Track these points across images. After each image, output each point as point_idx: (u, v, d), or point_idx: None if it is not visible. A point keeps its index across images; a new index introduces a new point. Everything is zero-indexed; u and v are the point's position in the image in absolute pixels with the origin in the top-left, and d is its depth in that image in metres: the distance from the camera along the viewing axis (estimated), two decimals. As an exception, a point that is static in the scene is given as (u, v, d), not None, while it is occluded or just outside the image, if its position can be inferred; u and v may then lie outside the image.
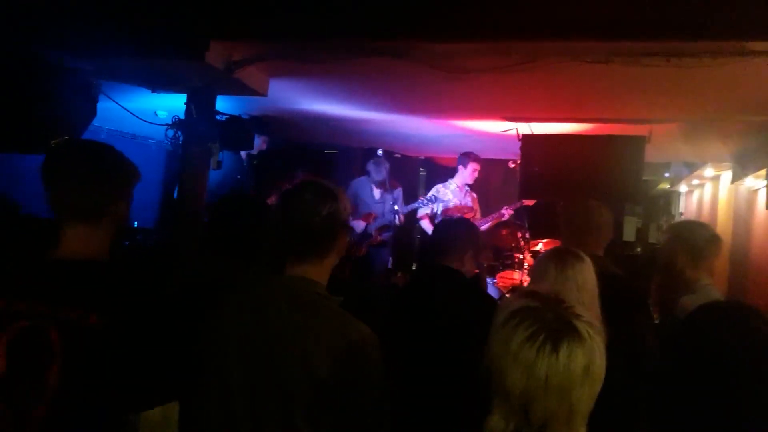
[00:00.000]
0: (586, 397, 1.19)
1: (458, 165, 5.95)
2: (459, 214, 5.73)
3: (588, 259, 2.24)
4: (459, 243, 2.66)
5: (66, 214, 1.62)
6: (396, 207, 5.77)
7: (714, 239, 2.76)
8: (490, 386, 1.24)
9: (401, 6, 3.10)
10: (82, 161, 1.66)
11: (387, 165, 5.82)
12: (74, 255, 1.59)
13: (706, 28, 2.67)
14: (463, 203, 5.93)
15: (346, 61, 3.49)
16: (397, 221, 5.80)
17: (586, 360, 1.17)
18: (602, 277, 2.26)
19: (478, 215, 6.08)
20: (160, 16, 3.17)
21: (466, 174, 5.86)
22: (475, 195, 6.07)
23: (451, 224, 2.91)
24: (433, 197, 5.88)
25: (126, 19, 3.15)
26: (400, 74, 3.80)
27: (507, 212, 6.04)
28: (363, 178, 5.96)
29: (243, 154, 5.73)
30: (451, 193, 5.93)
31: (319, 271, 1.57)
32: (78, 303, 1.50)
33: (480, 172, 5.96)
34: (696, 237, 2.71)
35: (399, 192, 6.02)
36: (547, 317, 1.22)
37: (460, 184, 5.93)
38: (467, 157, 5.84)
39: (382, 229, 5.91)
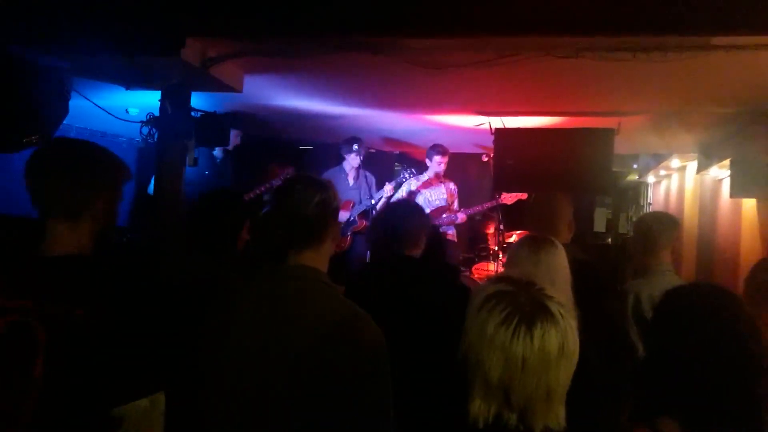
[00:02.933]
0: (562, 376, 1.23)
1: (426, 158, 6.03)
2: (436, 217, 5.82)
3: (560, 245, 2.33)
4: (416, 231, 2.69)
5: (47, 211, 1.64)
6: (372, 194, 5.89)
7: (668, 227, 2.91)
8: (469, 372, 1.29)
9: (376, 2, 3.14)
10: (60, 159, 1.68)
11: (364, 146, 5.99)
12: (57, 251, 1.61)
13: (671, 24, 2.77)
14: (435, 196, 6.01)
15: (321, 57, 3.52)
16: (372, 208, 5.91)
17: (560, 340, 1.22)
18: (571, 263, 2.35)
19: (455, 206, 6.15)
20: (135, 13, 3.15)
21: (434, 166, 5.94)
22: (453, 186, 6.13)
23: (405, 212, 2.83)
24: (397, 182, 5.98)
25: (101, 17, 3.12)
26: (375, 69, 3.84)
27: (461, 216, 6.12)
28: (335, 168, 6.05)
29: (217, 150, 5.73)
30: (423, 185, 6.02)
31: (318, 259, 1.62)
32: (63, 297, 1.52)
33: (451, 165, 6.04)
34: (649, 228, 2.91)
35: (372, 180, 6.12)
36: (521, 300, 1.26)
37: (431, 177, 6.01)
38: (433, 150, 5.94)
39: (364, 214, 5.99)
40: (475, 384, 1.27)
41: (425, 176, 6.05)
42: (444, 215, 6.01)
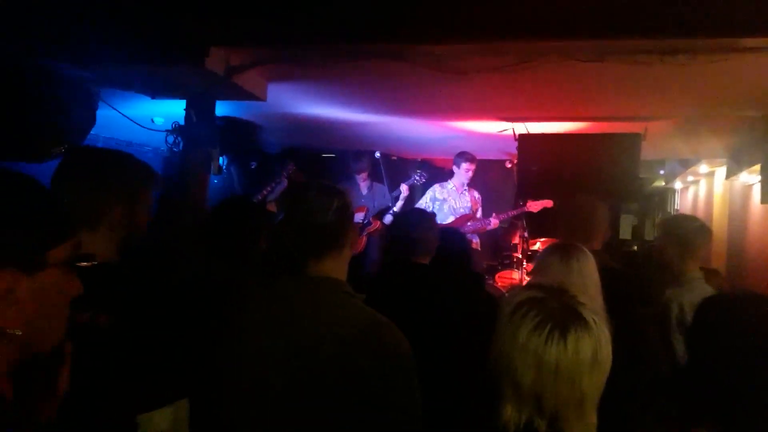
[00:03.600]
0: (595, 383, 1.22)
1: (453, 166, 6.00)
2: (461, 225, 5.79)
3: (589, 252, 2.29)
4: (431, 240, 2.67)
5: None
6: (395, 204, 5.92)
7: (701, 230, 2.84)
8: (499, 379, 1.27)
9: (398, 9, 3.13)
10: (80, 168, 1.70)
11: (367, 158, 6.04)
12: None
13: (700, 26, 2.71)
14: (459, 204, 5.97)
15: (344, 64, 3.52)
16: (392, 211, 5.93)
17: (594, 346, 1.21)
18: (602, 271, 2.31)
19: (479, 215, 6.11)
20: (160, 23, 3.19)
21: (461, 174, 5.89)
22: (477, 194, 6.08)
23: (420, 220, 2.83)
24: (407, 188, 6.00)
25: (126, 27, 3.17)
26: (397, 76, 3.83)
27: (494, 221, 6.07)
28: (348, 181, 6.09)
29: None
30: (448, 193, 5.97)
31: (338, 268, 1.61)
32: (87, 305, 1.52)
33: (476, 172, 6.00)
34: (683, 228, 2.81)
35: (384, 189, 6.12)
36: (553, 306, 1.25)
37: (457, 185, 5.96)
38: (460, 157, 5.89)
39: (379, 214, 5.98)
40: (507, 391, 1.26)
41: (450, 184, 6.00)
42: (469, 223, 5.96)
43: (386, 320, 1.50)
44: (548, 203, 6.02)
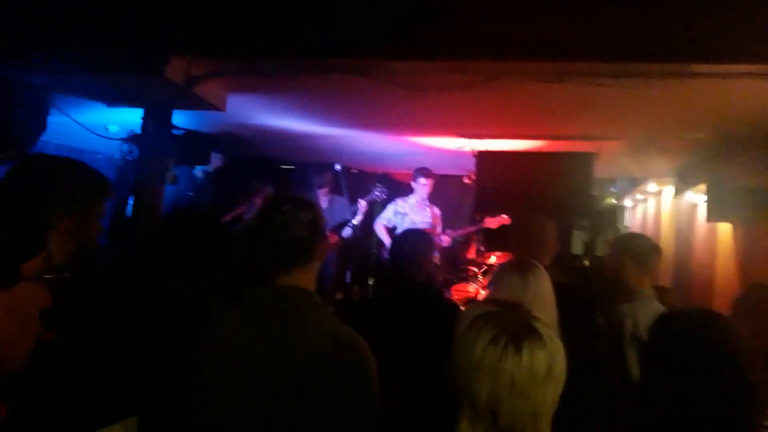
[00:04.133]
0: (549, 397, 1.23)
1: (411, 181, 6.05)
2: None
3: (543, 269, 2.35)
4: (425, 257, 2.71)
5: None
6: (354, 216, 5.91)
7: (655, 248, 2.95)
8: (457, 394, 1.28)
9: (362, 25, 3.15)
10: (28, 176, 1.63)
11: (329, 172, 6.05)
12: (25, 271, 1.56)
13: (654, 51, 2.82)
14: (420, 218, 6.01)
15: (304, 78, 3.52)
16: (351, 224, 5.91)
17: (548, 360, 1.22)
18: (556, 287, 2.36)
19: (439, 230, 6.16)
20: (119, 31, 3.12)
21: (420, 189, 5.94)
22: (437, 210, 6.14)
23: (415, 237, 2.94)
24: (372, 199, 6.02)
25: (84, 34, 3.09)
26: (359, 91, 3.85)
27: (446, 239, 6.15)
28: (309, 193, 6.02)
29: (198, 170, 5.69)
30: (409, 207, 6.01)
31: (307, 279, 1.62)
32: None
33: (435, 187, 6.06)
34: (640, 246, 2.89)
35: (344, 202, 6.11)
36: (508, 321, 1.27)
37: (418, 200, 6.01)
38: (418, 172, 5.94)
39: (338, 227, 5.95)
40: (463, 406, 1.26)
41: (412, 198, 6.04)
42: None
43: (354, 334, 1.52)
44: (506, 220, 6.13)
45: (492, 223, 6.18)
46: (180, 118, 4.19)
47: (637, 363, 2.57)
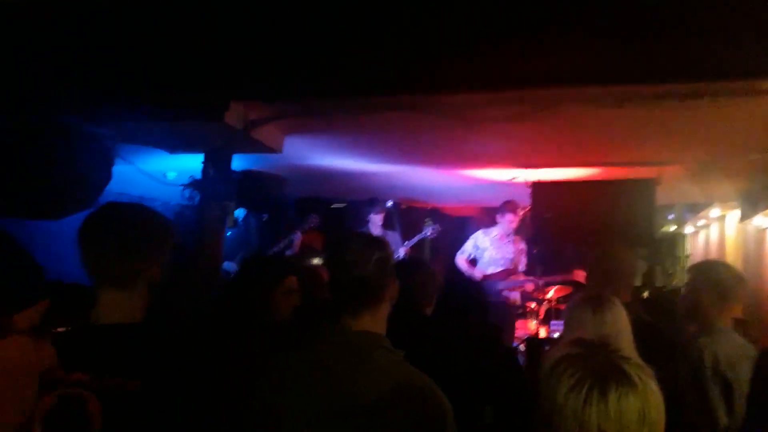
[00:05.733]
0: None
1: (497, 214, 5.95)
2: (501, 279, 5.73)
3: (620, 304, 2.22)
4: (430, 289, 2.58)
5: (100, 279, 1.59)
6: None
7: (738, 277, 2.74)
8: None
9: (413, 59, 3.16)
10: (111, 226, 1.63)
11: (384, 206, 6.06)
12: (110, 319, 1.56)
13: (720, 69, 2.72)
14: (500, 254, 5.90)
15: (358, 116, 3.55)
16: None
17: (640, 405, 1.12)
18: (636, 324, 2.23)
19: (522, 265, 6.01)
20: (179, 80, 3.22)
21: (504, 224, 5.85)
22: (522, 245, 5.98)
23: (418, 269, 2.70)
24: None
25: (146, 84, 3.20)
26: (411, 126, 3.85)
27: (528, 285, 5.96)
28: (362, 229, 6.04)
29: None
30: (490, 242, 5.91)
31: (377, 322, 1.57)
32: (117, 369, 1.46)
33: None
34: (722, 277, 2.69)
35: (397, 237, 6.08)
36: (592, 363, 1.17)
37: (501, 234, 5.91)
38: (504, 206, 5.85)
39: None
40: None
41: (494, 231, 5.93)
42: (510, 278, 5.87)
43: (429, 380, 1.46)
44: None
45: (580, 276, 5.97)
46: (236, 162, 4.27)
47: (721, 401, 2.40)
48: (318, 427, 1.42)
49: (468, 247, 5.95)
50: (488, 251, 5.88)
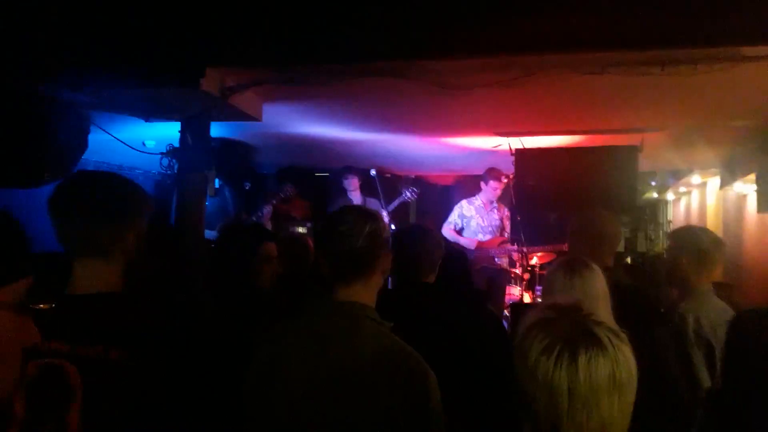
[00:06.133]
0: (617, 409, 1.13)
1: (481, 182, 5.97)
2: (492, 246, 5.75)
3: (597, 269, 2.22)
4: (436, 258, 2.56)
5: (76, 249, 1.57)
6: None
7: (717, 242, 2.77)
8: (517, 406, 1.21)
9: (399, 25, 3.10)
10: (86, 194, 1.61)
11: (356, 170, 6.03)
12: (88, 289, 1.54)
13: (702, 35, 2.70)
14: (487, 221, 5.93)
15: (340, 83, 3.48)
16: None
17: (610, 368, 1.12)
18: (617, 288, 2.24)
19: (507, 231, 6.05)
20: (154, 46, 3.14)
21: (489, 192, 5.87)
22: (506, 211, 6.05)
23: (425, 237, 2.61)
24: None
25: (120, 50, 3.12)
26: (394, 93, 3.80)
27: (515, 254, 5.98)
28: (342, 198, 6.07)
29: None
30: (475, 210, 5.94)
31: (367, 293, 1.59)
32: (97, 338, 1.44)
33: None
34: (701, 241, 2.71)
35: (376, 204, 6.06)
36: (563, 327, 1.17)
37: (485, 201, 5.94)
38: (488, 174, 5.88)
39: None
40: (524, 418, 1.19)
41: (478, 200, 5.96)
42: (498, 245, 5.91)
43: (412, 351, 1.48)
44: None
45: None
46: (217, 130, 4.21)
47: (704, 365, 2.44)
48: (311, 393, 1.45)
49: (454, 217, 5.98)
50: (474, 219, 5.91)
